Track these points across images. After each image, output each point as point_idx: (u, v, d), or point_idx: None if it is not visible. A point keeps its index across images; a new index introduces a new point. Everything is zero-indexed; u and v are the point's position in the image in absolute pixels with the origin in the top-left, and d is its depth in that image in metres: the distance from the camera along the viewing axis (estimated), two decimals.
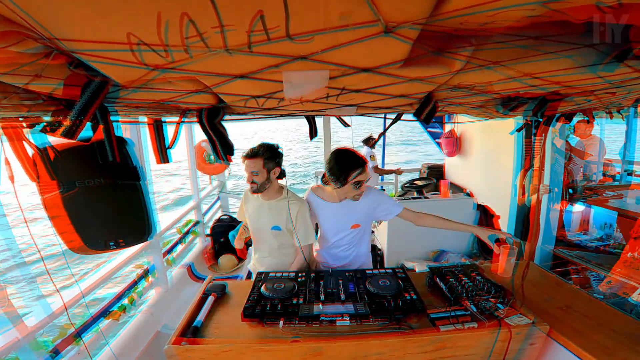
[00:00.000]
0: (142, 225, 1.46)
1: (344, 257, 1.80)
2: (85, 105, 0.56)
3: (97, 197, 1.32)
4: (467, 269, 1.54)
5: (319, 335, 1.19)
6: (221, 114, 1.10)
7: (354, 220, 1.71)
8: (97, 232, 1.38)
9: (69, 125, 0.56)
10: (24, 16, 0.38)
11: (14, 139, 1.07)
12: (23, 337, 1.28)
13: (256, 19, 0.41)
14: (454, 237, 3.00)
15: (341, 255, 1.80)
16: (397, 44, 0.52)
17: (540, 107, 1.06)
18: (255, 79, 0.67)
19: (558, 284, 1.56)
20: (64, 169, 1.25)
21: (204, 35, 0.43)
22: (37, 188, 1.25)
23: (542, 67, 0.72)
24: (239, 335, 1.24)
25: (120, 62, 0.48)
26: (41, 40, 0.43)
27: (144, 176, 1.46)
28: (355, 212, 1.70)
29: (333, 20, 0.43)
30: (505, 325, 1.19)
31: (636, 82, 0.83)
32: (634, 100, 1.51)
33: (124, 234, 1.45)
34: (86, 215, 1.33)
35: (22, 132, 1.10)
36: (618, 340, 1.13)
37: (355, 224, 1.72)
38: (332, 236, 1.77)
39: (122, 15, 0.38)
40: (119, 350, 1.72)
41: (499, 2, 0.40)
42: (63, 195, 1.27)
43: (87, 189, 1.29)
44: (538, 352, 1.26)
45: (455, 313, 1.26)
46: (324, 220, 1.77)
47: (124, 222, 1.43)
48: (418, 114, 1.09)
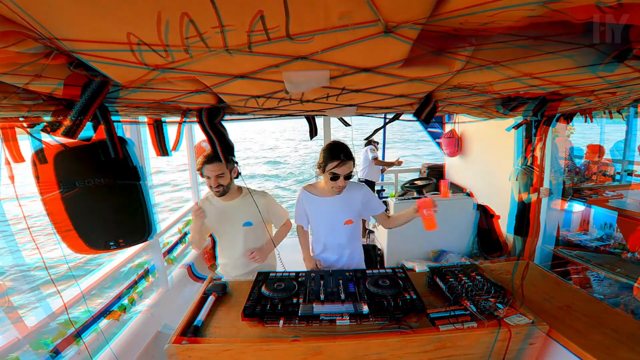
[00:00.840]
0: (143, 225, 1.46)
1: (337, 260, 1.78)
2: (85, 105, 0.56)
3: (97, 197, 1.32)
4: (467, 269, 1.54)
5: (318, 335, 1.19)
6: (221, 114, 1.10)
7: (347, 215, 1.71)
8: (97, 232, 1.38)
9: (70, 124, 0.56)
10: (24, 16, 0.38)
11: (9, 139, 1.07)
12: (23, 337, 1.27)
13: (256, 19, 0.41)
14: (454, 238, 3.00)
15: (334, 260, 1.78)
16: (397, 44, 0.52)
17: (540, 107, 1.06)
18: (256, 78, 0.67)
19: (558, 283, 1.57)
20: (65, 169, 1.25)
21: (204, 35, 0.43)
22: (37, 188, 1.24)
23: (542, 67, 0.72)
24: (239, 335, 1.24)
25: (120, 62, 0.49)
26: (41, 40, 0.43)
27: (144, 176, 1.46)
28: (350, 206, 1.69)
29: (333, 21, 0.43)
30: (505, 325, 1.19)
31: (636, 82, 0.83)
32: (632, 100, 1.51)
33: (125, 234, 1.44)
34: (87, 216, 1.33)
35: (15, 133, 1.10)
36: (619, 340, 1.12)
37: (348, 220, 1.71)
38: (325, 234, 1.76)
39: (123, 15, 0.38)
40: (120, 350, 1.72)
41: (499, 2, 0.40)
42: (63, 196, 1.27)
43: (88, 189, 1.29)
44: (538, 352, 1.26)
45: (455, 313, 1.26)
46: (317, 216, 1.77)
47: (124, 222, 1.43)
48: (418, 114, 1.09)
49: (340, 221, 1.71)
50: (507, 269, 1.70)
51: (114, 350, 1.68)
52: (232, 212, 1.78)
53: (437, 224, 1.54)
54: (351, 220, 1.72)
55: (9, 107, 0.77)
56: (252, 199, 1.75)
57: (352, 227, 1.74)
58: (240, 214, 1.78)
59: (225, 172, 1.70)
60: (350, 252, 1.79)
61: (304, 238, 1.90)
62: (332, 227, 1.74)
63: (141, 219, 1.46)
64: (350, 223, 1.72)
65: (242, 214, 1.78)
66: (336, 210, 1.71)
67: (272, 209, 1.85)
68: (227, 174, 1.71)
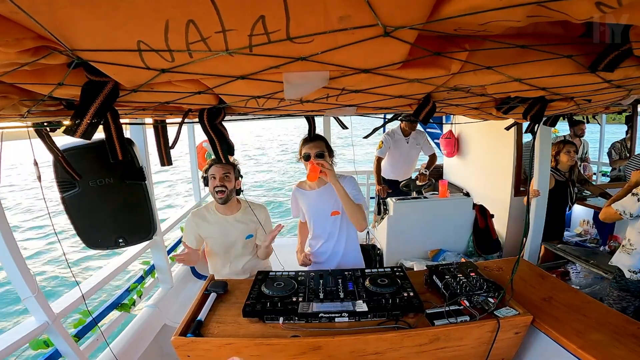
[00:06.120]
0: (148, 223, 1.51)
1: (334, 253, 1.80)
2: (100, 107, 0.59)
3: (107, 196, 1.38)
4: (464, 267, 1.56)
5: (318, 333, 1.21)
6: (222, 115, 1.11)
7: (333, 206, 1.74)
8: (108, 229, 1.44)
9: (86, 127, 0.59)
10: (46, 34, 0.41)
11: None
12: (52, 322, 1.40)
13: (257, 22, 0.42)
14: (452, 237, 3.02)
15: (327, 251, 1.80)
16: (396, 46, 0.53)
17: (536, 109, 1.07)
18: (256, 79, 0.68)
19: (543, 276, 1.66)
20: (79, 169, 1.30)
21: (207, 40, 0.44)
22: (57, 186, 1.32)
23: (540, 67, 0.73)
24: (239, 332, 1.26)
25: (130, 66, 0.51)
26: (65, 53, 0.46)
27: (149, 176, 1.50)
28: (333, 196, 1.70)
29: (333, 23, 0.44)
30: (495, 318, 1.26)
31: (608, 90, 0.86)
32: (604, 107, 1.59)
33: (132, 231, 1.50)
34: (98, 212, 1.39)
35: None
36: (589, 325, 1.26)
37: (334, 211, 1.75)
38: (316, 227, 1.81)
39: (133, 24, 0.40)
40: (129, 340, 1.81)
41: (499, 2, 0.41)
42: (77, 193, 1.33)
43: (99, 187, 1.34)
44: (524, 340, 1.34)
45: (450, 309, 1.30)
46: (308, 209, 1.83)
47: (132, 220, 1.49)
48: (417, 114, 1.10)
49: (327, 212, 1.76)
50: (501, 266, 1.75)
51: (123, 341, 1.79)
52: (233, 225, 1.80)
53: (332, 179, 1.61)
54: (337, 211, 1.75)
55: (9, 107, 0.78)
56: (252, 211, 1.81)
57: (339, 219, 1.77)
58: (243, 226, 1.81)
59: (231, 174, 1.73)
60: (344, 247, 1.80)
61: (301, 233, 1.99)
62: (320, 218, 1.80)
63: (147, 217, 1.50)
64: (336, 214, 1.75)
65: (245, 227, 1.81)
66: (323, 201, 1.76)
67: (267, 223, 1.89)
68: (232, 177, 1.74)
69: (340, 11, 0.42)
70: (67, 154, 1.28)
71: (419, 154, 3.59)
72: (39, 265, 6.61)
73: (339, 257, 1.81)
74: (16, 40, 0.41)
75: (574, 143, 2.84)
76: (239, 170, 1.83)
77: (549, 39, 0.62)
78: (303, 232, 1.99)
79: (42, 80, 0.58)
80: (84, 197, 1.34)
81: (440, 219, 2.94)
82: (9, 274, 1.31)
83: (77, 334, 1.61)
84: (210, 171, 1.72)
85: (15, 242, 1.29)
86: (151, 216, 1.51)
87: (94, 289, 1.71)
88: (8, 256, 1.27)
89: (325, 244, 1.81)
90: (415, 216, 2.90)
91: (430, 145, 3.55)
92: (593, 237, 3.16)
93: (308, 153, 1.66)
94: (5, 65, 0.50)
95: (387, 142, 3.38)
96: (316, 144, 1.67)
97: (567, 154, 2.72)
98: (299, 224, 2.02)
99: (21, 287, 1.33)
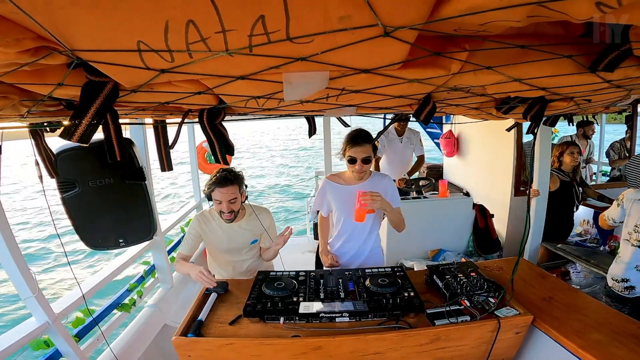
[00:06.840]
0: (148, 223, 1.51)
1: (358, 253, 1.73)
2: (100, 108, 0.59)
3: (108, 196, 1.38)
4: (464, 267, 1.56)
5: (318, 333, 1.21)
6: (222, 115, 1.11)
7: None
8: (109, 229, 1.44)
9: (84, 129, 0.59)
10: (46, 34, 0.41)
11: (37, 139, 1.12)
12: (53, 322, 1.41)
13: (257, 22, 0.42)
14: (452, 237, 3.02)
15: (349, 252, 1.74)
16: (396, 46, 0.53)
17: (536, 109, 1.07)
18: (256, 79, 0.68)
19: (543, 276, 1.65)
20: (79, 169, 1.30)
21: (207, 41, 0.44)
22: (57, 186, 1.32)
23: (540, 67, 0.73)
24: (240, 332, 1.26)
25: (130, 66, 0.51)
26: (65, 53, 0.47)
27: (149, 176, 1.50)
28: None
29: (333, 23, 0.44)
30: (495, 318, 1.25)
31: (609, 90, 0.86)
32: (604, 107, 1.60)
33: (132, 231, 1.50)
34: (98, 213, 1.39)
35: None
36: (589, 325, 1.26)
37: (371, 209, 1.63)
38: (346, 225, 1.70)
39: (133, 25, 0.40)
40: (129, 340, 1.82)
41: (498, 2, 0.41)
42: (77, 194, 1.33)
43: (99, 187, 1.34)
44: (524, 340, 1.34)
45: (450, 309, 1.29)
46: (338, 206, 1.71)
47: (132, 220, 1.49)
48: (417, 114, 1.10)
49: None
50: (502, 266, 1.75)
51: (123, 341, 1.80)
52: (239, 232, 1.75)
53: (369, 213, 1.60)
54: (372, 209, 1.64)
55: (9, 107, 0.78)
56: (256, 217, 1.74)
57: (374, 217, 1.70)
58: (248, 233, 1.76)
59: (238, 196, 1.60)
60: (371, 248, 1.74)
61: (323, 228, 1.85)
62: (353, 216, 1.65)
63: (147, 218, 1.50)
64: (371, 212, 1.65)
65: (251, 233, 1.77)
66: None
67: (272, 227, 1.81)
68: (239, 198, 1.62)
69: (340, 11, 0.42)
70: (67, 154, 1.29)
71: (414, 153, 3.60)
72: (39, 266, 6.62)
73: (363, 257, 1.74)
74: (16, 40, 0.41)
75: (578, 145, 2.86)
76: (244, 180, 1.67)
77: (549, 39, 0.62)
78: (325, 228, 1.85)
79: (42, 81, 0.58)
80: (84, 198, 1.34)
81: (440, 218, 2.94)
82: (9, 274, 1.31)
83: (78, 334, 1.61)
84: (214, 195, 1.57)
85: (15, 242, 1.29)
86: (151, 216, 1.51)
87: (94, 289, 1.71)
88: (8, 256, 1.27)
89: (351, 243, 1.73)
90: (415, 216, 2.90)
91: (422, 146, 3.54)
92: (593, 237, 3.16)
93: (354, 157, 1.55)
94: (5, 65, 0.50)
95: (382, 142, 3.38)
96: (364, 148, 1.55)
97: (571, 155, 2.73)
98: (319, 219, 1.86)
99: (21, 287, 1.33)
